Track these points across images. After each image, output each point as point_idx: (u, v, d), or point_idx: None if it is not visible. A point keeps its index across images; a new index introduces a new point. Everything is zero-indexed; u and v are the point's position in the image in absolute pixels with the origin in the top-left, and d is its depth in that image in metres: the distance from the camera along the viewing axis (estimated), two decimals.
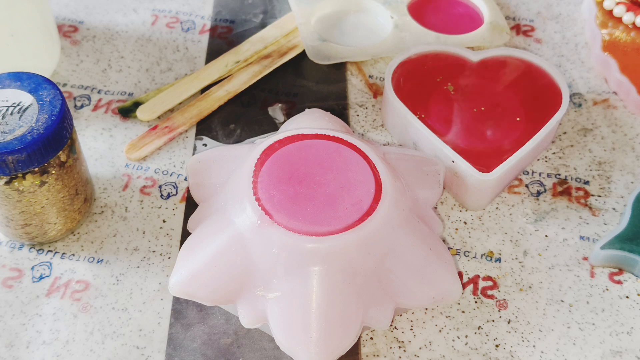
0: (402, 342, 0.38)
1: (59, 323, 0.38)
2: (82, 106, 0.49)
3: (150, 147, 0.46)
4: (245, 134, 0.47)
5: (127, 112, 0.48)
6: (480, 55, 0.48)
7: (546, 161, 0.46)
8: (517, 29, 0.54)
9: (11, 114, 0.36)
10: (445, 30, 0.52)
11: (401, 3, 0.54)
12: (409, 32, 0.52)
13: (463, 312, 0.39)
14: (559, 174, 0.45)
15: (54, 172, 0.38)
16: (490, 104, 0.45)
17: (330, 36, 0.52)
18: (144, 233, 0.42)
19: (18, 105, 0.37)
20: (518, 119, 0.45)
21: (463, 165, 0.41)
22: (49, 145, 0.36)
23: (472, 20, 0.53)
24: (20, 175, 0.36)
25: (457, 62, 0.48)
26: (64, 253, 0.41)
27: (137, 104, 0.48)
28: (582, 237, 0.42)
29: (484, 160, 0.42)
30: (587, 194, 0.44)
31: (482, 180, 0.41)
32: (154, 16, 0.55)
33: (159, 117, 0.48)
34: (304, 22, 0.52)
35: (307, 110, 0.43)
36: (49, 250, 0.41)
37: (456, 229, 0.43)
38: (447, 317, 0.39)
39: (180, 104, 0.48)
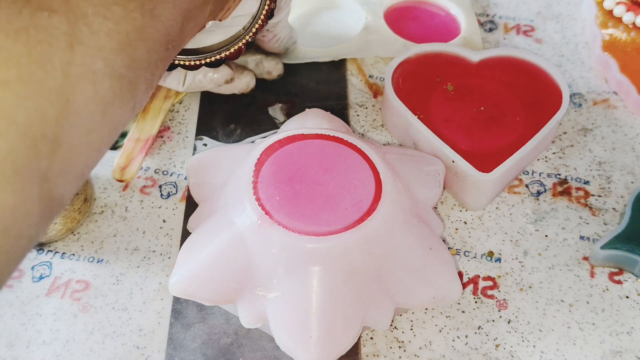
0: (402, 342, 0.38)
1: (59, 323, 0.38)
2: None
3: (136, 165, 0.45)
4: (245, 134, 0.47)
5: (114, 144, 0.46)
6: (480, 55, 0.48)
7: (546, 161, 0.46)
8: (517, 29, 0.54)
9: None
10: (418, 39, 0.52)
11: (379, 6, 0.54)
12: (378, 35, 0.52)
13: (463, 312, 0.39)
14: (559, 174, 0.45)
15: None
16: (490, 104, 0.45)
17: (303, 33, 0.53)
18: (144, 233, 0.42)
19: None
20: (518, 119, 0.45)
21: (463, 165, 0.41)
22: None
23: (448, 33, 0.53)
24: None
25: (457, 62, 0.48)
26: (64, 253, 0.41)
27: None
28: (582, 237, 0.42)
29: (484, 160, 0.42)
30: (587, 194, 0.44)
31: (482, 180, 0.41)
32: None
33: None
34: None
35: (307, 110, 0.43)
36: (49, 250, 0.41)
37: (456, 229, 0.43)
38: (447, 317, 0.39)
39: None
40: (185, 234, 0.42)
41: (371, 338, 0.38)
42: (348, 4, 0.54)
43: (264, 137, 0.44)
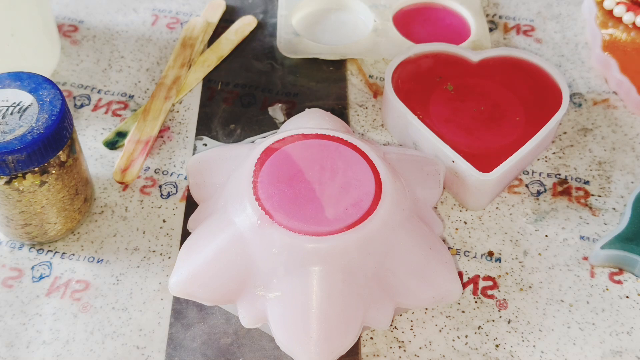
0: (402, 342, 0.38)
1: (59, 323, 0.38)
2: (82, 106, 0.49)
3: (136, 167, 0.45)
4: (245, 134, 0.47)
5: (114, 144, 0.46)
6: (480, 55, 0.48)
7: (546, 161, 0.46)
8: (517, 29, 0.54)
9: (11, 113, 0.36)
10: (427, 42, 0.52)
11: (388, 9, 0.54)
12: (386, 37, 0.52)
13: (463, 312, 0.39)
14: (559, 174, 0.45)
15: (54, 172, 0.38)
16: (490, 104, 0.45)
17: (311, 32, 0.53)
18: (144, 233, 0.42)
19: (18, 105, 0.37)
20: (518, 119, 0.45)
21: (463, 165, 0.41)
22: (49, 145, 0.36)
23: (457, 36, 0.53)
24: (20, 175, 0.36)
25: (457, 62, 0.48)
26: (64, 253, 0.41)
27: (120, 134, 0.47)
28: (582, 237, 0.42)
29: (484, 160, 0.42)
30: (587, 194, 0.44)
31: (482, 180, 0.41)
32: (154, 16, 0.55)
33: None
34: (285, 14, 0.53)
35: (307, 110, 0.43)
36: (49, 250, 0.41)
37: (456, 229, 0.43)
38: (447, 317, 0.39)
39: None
40: (185, 234, 0.42)
41: (371, 338, 0.38)
42: (357, 6, 0.54)
43: (264, 137, 0.44)
